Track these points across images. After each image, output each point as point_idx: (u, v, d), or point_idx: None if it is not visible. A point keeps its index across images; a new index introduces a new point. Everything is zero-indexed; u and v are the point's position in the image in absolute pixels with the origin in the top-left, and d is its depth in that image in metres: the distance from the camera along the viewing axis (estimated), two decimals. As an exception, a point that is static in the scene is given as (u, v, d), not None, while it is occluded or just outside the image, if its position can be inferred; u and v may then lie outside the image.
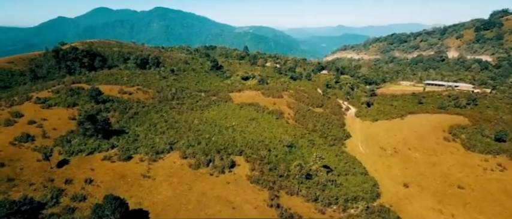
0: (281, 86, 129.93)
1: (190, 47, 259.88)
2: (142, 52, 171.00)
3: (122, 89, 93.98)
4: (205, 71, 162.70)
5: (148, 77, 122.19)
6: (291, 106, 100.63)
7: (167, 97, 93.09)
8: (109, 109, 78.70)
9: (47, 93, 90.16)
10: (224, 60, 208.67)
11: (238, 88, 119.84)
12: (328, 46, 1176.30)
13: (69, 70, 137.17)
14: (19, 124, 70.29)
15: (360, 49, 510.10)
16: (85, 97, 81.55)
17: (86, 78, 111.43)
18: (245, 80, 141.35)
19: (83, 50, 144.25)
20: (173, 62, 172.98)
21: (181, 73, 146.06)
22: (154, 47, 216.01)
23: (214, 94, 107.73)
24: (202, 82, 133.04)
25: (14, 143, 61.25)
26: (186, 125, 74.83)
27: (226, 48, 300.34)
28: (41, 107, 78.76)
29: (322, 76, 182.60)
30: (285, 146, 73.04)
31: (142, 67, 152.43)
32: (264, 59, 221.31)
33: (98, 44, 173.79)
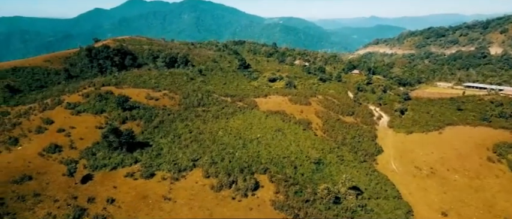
0: (309, 90, 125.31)
1: (219, 43, 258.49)
2: (172, 50, 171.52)
3: (149, 94, 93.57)
4: (232, 70, 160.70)
5: (176, 79, 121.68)
6: (320, 115, 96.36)
7: (193, 104, 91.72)
8: (135, 117, 78.27)
9: (77, 97, 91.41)
10: (252, 57, 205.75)
11: (264, 92, 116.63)
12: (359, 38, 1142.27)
13: (100, 69, 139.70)
14: (49, 132, 71.32)
15: (393, 44, 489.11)
16: (112, 103, 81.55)
17: (115, 79, 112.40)
18: (272, 82, 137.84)
19: (114, 49, 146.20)
20: (201, 60, 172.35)
21: (209, 74, 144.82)
22: (184, 43, 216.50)
23: (240, 99, 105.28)
24: (229, 84, 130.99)
25: (43, 154, 61.95)
26: (210, 137, 72.99)
27: (255, 44, 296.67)
28: (71, 113, 79.71)
29: (353, 77, 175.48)
30: (313, 163, 69.54)
31: (171, 66, 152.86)
32: (293, 57, 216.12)
33: (129, 41, 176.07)
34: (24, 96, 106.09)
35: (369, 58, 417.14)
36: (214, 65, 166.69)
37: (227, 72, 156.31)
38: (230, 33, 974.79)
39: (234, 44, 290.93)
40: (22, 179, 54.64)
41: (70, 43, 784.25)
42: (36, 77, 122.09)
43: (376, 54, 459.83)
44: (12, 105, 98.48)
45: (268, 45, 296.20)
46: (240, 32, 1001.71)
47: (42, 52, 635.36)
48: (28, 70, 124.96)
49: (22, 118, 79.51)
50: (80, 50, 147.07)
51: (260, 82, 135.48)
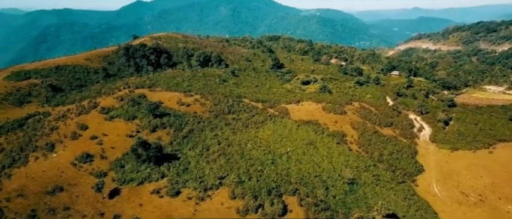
0: (345, 96, 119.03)
1: (253, 39, 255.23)
2: (206, 48, 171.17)
3: (181, 99, 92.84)
4: (265, 70, 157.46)
5: (208, 81, 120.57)
6: (355, 127, 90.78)
7: (223, 111, 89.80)
8: (165, 125, 77.62)
9: (112, 100, 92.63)
10: (286, 55, 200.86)
11: (297, 97, 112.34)
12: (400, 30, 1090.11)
13: (137, 68, 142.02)
14: (83, 138, 72.42)
15: (438, 39, 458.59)
16: (144, 110, 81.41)
17: (149, 81, 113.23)
18: (306, 85, 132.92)
19: (150, 47, 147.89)
20: (235, 59, 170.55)
21: (241, 74, 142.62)
22: (218, 40, 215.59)
23: (272, 105, 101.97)
24: (261, 87, 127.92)
25: (75, 164, 62.75)
26: (239, 150, 70.62)
27: (290, 39, 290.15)
28: (104, 118, 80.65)
29: (392, 79, 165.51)
30: (346, 183, 65.16)
31: (204, 65, 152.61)
32: (329, 55, 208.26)
33: (165, 39, 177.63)
34: (64, 96, 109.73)
35: (410, 55, 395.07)
36: (247, 64, 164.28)
37: (260, 72, 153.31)
38: (266, 26, 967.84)
39: (269, 40, 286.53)
40: (54, 191, 55.49)
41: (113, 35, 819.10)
42: (77, 76, 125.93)
43: (418, 50, 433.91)
44: (53, 105, 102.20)
45: (304, 40, 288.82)
46: (276, 24, 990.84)
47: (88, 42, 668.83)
48: (70, 68, 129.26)
49: (60, 121, 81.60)
50: (118, 48, 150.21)
51: (293, 85, 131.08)
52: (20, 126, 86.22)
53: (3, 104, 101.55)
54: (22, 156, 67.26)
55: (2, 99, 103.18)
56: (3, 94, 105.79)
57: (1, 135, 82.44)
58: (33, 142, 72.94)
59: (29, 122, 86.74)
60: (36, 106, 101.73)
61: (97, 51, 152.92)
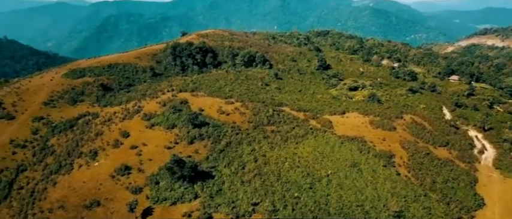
0: (395, 107, 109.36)
1: (300, 35, 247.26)
2: (252, 47, 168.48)
3: (221, 107, 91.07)
4: (311, 72, 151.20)
5: (250, 85, 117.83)
6: (405, 146, 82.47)
7: (263, 122, 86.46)
8: (203, 137, 76.23)
9: (155, 105, 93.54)
10: (334, 54, 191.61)
11: (342, 107, 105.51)
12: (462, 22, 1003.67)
13: (183, 67, 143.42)
14: (123, 147, 73.39)
15: (507, 34, 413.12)
16: (184, 118, 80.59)
17: (192, 84, 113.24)
18: (353, 91, 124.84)
19: (197, 47, 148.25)
20: (280, 59, 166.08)
21: (285, 77, 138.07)
22: (265, 37, 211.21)
23: (314, 115, 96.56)
24: (304, 92, 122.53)
25: (113, 176, 63.39)
26: (276, 170, 66.99)
27: (340, 35, 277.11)
28: (146, 126, 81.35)
29: (450, 85, 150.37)
30: (392, 216, 58.93)
31: (249, 65, 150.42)
32: (380, 55, 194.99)
33: (212, 37, 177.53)
34: (113, 96, 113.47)
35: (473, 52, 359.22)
36: (292, 65, 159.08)
37: (305, 74, 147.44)
38: (315, 17, 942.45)
39: (317, 35, 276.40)
40: (91, 205, 56.31)
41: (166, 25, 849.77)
42: (126, 75, 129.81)
43: (483, 46, 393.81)
44: (102, 105, 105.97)
45: (354, 37, 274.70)
46: (326, 15, 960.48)
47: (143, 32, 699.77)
48: (120, 67, 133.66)
49: (105, 126, 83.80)
50: (166, 46, 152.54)
51: (339, 91, 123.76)
52: (71, 127, 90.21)
53: (59, 102, 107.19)
54: (68, 162, 69.74)
55: (58, 97, 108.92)
56: (59, 92, 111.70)
57: (54, 135, 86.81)
58: (80, 147, 75.49)
59: (79, 124, 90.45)
60: (87, 106, 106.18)
61: (146, 49, 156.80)
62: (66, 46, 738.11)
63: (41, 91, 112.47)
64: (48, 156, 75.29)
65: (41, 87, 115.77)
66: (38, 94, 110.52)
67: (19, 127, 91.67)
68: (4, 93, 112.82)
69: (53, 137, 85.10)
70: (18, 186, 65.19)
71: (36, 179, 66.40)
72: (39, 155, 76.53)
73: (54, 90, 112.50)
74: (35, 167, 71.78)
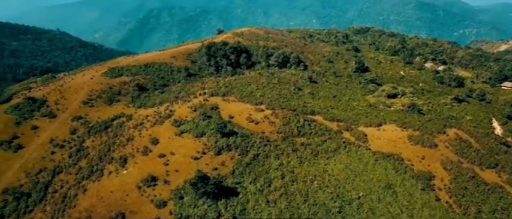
0: (438, 119, 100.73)
1: (338, 32, 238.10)
2: (287, 46, 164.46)
3: (251, 115, 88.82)
4: (347, 75, 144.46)
5: (282, 90, 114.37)
6: (447, 167, 75.34)
7: (293, 132, 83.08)
8: (231, 147, 74.54)
9: (186, 110, 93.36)
10: (373, 55, 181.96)
11: (379, 118, 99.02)
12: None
13: (216, 67, 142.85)
14: (152, 155, 73.60)
15: None
16: (213, 127, 79.29)
17: (224, 88, 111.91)
18: (392, 98, 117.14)
19: (231, 47, 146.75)
20: (315, 59, 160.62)
21: (320, 80, 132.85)
22: (301, 35, 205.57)
23: (348, 126, 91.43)
24: (339, 98, 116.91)
25: (140, 186, 63.51)
26: (303, 189, 63.73)
27: (381, 32, 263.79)
28: (175, 132, 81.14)
29: (502, 93, 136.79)
30: (426, 250, 53.86)
31: (283, 66, 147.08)
32: (423, 57, 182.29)
33: (247, 35, 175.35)
34: (147, 96, 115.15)
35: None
36: (328, 66, 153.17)
37: (341, 77, 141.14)
38: (356, 10, 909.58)
39: (356, 33, 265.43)
40: (117, 217, 56.65)
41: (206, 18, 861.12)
42: (161, 74, 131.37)
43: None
44: (136, 106, 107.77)
45: (396, 34, 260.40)
46: (367, 8, 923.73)
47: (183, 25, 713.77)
48: (156, 66, 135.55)
49: (136, 130, 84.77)
50: (201, 46, 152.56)
51: (377, 99, 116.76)
52: (106, 128, 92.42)
53: (97, 101, 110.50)
54: (99, 168, 71.13)
55: (96, 96, 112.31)
56: (98, 91, 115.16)
57: (90, 136, 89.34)
58: (111, 152, 76.89)
59: (113, 126, 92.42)
60: (122, 106, 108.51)
61: (182, 48, 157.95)
62: (111, 38, 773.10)
63: (81, 89, 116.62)
64: (82, 159, 77.43)
65: (82, 85, 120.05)
66: (78, 93, 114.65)
67: (59, 126, 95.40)
68: (49, 90, 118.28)
69: (88, 139, 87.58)
70: (53, 189, 67.45)
71: (69, 183, 68.38)
72: (75, 157, 78.94)
73: (94, 88, 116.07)
74: (69, 169, 74.06)
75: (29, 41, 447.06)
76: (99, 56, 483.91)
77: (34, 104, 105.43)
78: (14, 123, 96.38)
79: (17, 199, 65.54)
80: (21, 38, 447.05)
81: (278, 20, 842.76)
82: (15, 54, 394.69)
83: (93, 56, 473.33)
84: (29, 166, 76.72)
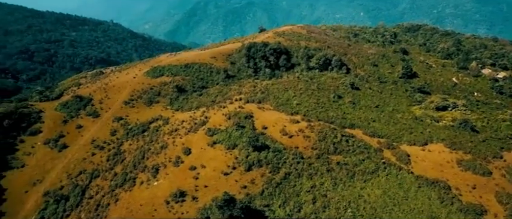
0: (494, 141, 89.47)
1: (386, 30, 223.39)
2: (329, 48, 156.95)
3: (285, 128, 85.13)
4: (393, 81, 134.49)
5: (321, 97, 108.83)
6: (503, 200, 66.13)
7: (328, 149, 78.17)
8: (261, 163, 71.82)
9: (220, 118, 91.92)
10: (423, 58, 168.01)
11: (425, 135, 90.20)
12: None
13: (255, 69, 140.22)
14: (183, 167, 73.05)
15: None
16: (245, 140, 76.84)
17: (260, 93, 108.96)
18: (441, 111, 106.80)
19: (271, 48, 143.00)
20: (359, 62, 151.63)
21: (362, 86, 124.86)
22: (345, 36, 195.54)
23: (389, 144, 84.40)
24: (382, 108, 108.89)
25: (168, 202, 63.07)
26: (336, 217, 59.34)
27: (433, 31, 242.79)
28: (208, 143, 79.93)
29: None
30: None
31: (324, 69, 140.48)
32: (481, 61, 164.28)
33: (288, 35, 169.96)
34: (185, 98, 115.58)
35: None
36: (372, 71, 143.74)
37: (385, 83, 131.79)
38: (407, 3, 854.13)
39: (406, 31, 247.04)
40: (144, 233, 56.69)
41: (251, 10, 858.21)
42: (201, 76, 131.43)
43: None
44: (174, 109, 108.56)
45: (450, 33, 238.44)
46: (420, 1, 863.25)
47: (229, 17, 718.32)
48: (196, 67, 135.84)
49: (171, 138, 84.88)
50: (241, 47, 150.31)
51: (424, 111, 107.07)
52: (143, 131, 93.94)
53: (138, 102, 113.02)
54: (132, 177, 72.01)
55: (137, 96, 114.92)
56: (139, 91, 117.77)
57: (128, 139, 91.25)
58: (145, 159, 77.65)
59: (150, 129, 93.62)
60: (161, 108, 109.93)
61: (222, 48, 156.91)
62: (160, 29, 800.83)
63: (124, 89, 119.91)
64: (119, 164, 79.13)
65: (125, 84, 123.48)
66: (121, 92, 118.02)
67: (101, 126, 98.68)
68: (95, 88, 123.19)
69: (126, 142, 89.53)
70: (89, 194, 69.52)
71: (103, 190, 70.00)
72: (112, 160, 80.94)
73: (135, 88, 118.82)
74: (106, 174, 75.96)
75: (86, 32, 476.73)
76: (148, 47, 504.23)
77: (80, 102, 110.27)
78: (61, 121, 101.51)
79: (57, 202, 68.45)
80: (79, 29, 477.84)
81: (324, 12, 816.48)
82: (74, 44, 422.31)
83: (142, 47, 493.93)
84: (71, 167, 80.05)
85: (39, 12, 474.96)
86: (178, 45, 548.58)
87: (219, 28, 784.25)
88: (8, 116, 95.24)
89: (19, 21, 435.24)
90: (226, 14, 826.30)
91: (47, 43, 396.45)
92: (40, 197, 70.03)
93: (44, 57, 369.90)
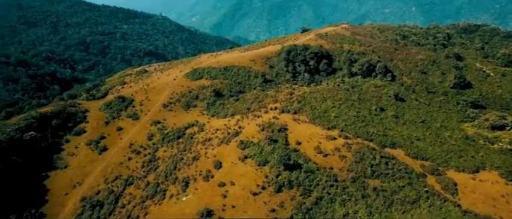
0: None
1: (439, 32, 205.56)
2: (373, 52, 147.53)
3: (320, 144, 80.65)
4: (443, 92, 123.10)
5: (361, 109, 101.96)
6: None
7: (365, 172, 72.65)
8: (292, 184, 68.47)
9: (253, 129, 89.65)
10: (480, 65, 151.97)
11: (476, 160, 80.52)
12: None
13: (294, 74, 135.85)
14: (212, 182, 71.91)
15: None
16: (277, 157, 73.77)
17: (296, 103, 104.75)
18: (497, 130, 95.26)
19: (311, 52, 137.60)
20: (406, 69, 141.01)
21: (408, 97, 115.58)
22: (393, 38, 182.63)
23: (434, 169, 76.52)
24: (429, 124, 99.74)
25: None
26: (367, 255, 54.67)
27: (493, 32, 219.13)
28: (239, 157, 78.03)
29: None
30: None
31: (367, 75, 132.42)
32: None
33: (331, 37, 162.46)
34: (222, 104, 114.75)
35: None
36: (420, 79, 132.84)
37: (434, 94, 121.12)
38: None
39: (462, 32, 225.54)
40: (169, 253, 56.24)
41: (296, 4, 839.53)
42: (239, 79, 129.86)
43: None
44: (210, 115, 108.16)
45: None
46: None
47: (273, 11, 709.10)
48: (235, 70, 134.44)
49: (203, 148, 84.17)
50: (280, 50, 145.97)
51: (476, 130, 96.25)
52: (178, 137, 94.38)
53: (175, 105, 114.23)
54: (163, 188, 72.20)
55: (176, 100, 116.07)
56: (178, 94, 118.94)
57: (163, 145, 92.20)
58: (177, 170, 77.53)
59: (185, 136, 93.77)
60: (197, 113, 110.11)
61: (261, 51, 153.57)
62: (206, 22, 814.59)
63: (164, 91, 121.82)
64: (152, 172, 79.96)
65: (165, 86, 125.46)
66: (161, 94, 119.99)
67: (140, 129, 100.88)
68: (137, 89, 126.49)
69: (161, 147, 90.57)
70: (122, 203, 70.94)
71: (135, 200, 71.09)
72: (146, 167, 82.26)
73: (175, 91, 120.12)
74: (139, 182, 77.21)
75: (136, 25, 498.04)
76: (193, 40, 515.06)
77: (122, 103, 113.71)
78: (104, 122, 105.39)
79: (92, 208, 70.61)
80: (130, 22, 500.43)
81: (372, 6, 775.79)
82: (125, 36, 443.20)
83: (188, 40, 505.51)
84: (108, 171, 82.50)
85: (96, 5, 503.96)
86: (222, 39, 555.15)
87: (263, 22, 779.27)
88: (57, 116, 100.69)
89: (78, 14, 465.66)
90: (271, 7, 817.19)
91: (101, 35, 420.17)
92: (78, 201, 72.88)
93: (98, 48, 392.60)
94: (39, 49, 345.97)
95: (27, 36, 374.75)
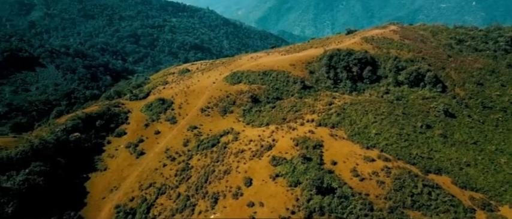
0: None
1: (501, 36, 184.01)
2: (423, 59, 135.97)
3: (356, 166, 75.33)
4: (501, 108, 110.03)
5: (406, 125, 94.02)
6: None
7: (405, 202, 66.48)
8: (323, 211, 64.48)
9: (287, 143, 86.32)
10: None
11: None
12: None
13: (334, 81, 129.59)
14: (241, 201, 70.17)
15: None
16: (309, 178, 70.08)
17: (335, 116, 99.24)
18: None
19: (355, 58, 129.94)
20: (459, 79, 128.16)
21: (460, 113, 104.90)
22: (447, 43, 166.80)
23: (485, 203, 68.11)
24: (482, 146, 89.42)
25: (221, 241, 61.03)
26: None
27: None
28: (270, 174, 75.37)
29: None
30: None
31: (415, 84, 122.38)
32: None
33: (377, 42, 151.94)
34: (258, 111, 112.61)
35: None
36: (475, 91, 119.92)
37: (490, 109, 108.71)
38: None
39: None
40: None
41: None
42: (277, 85, 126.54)
43: None
44: (245, 122, 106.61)
45: None
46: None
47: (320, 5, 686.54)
48: (274, 75, 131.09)
49: (234, 161, 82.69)
50: (322, 54, 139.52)
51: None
52: (213, 145, 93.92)
53: (213, 110, 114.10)
54: (192, 202, 71.96)
55: (214, 104, 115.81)
56: (216, 98, 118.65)
57: (198, 152, 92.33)
58: (207, 183, 76.90)
59: (219, 144, 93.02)
60: (233, 119, 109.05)
61: (301, 55, 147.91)
62: (252, 15, 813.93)
63: (202, 94, 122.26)
64: (184, 182, 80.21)
65: (204, 89, 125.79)
66: (200, 98, 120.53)
67: (177, 134, 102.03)
68: (177, 90, 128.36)
69: (195, 155, 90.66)
70: (153, 214, 71.81)
71: (165, 212, 71.55)
72: (179, 176, 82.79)
73: (213, 95, 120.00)
74: (171, 192, 77.87)
75: (184, 18, 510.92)
76: (238, 34, 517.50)
77: (162, 105, 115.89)
78: (144, 124, 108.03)
79: (125, 215, 72.44)
80: (179, 15, 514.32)
81: (426, 1, 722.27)
82: (173, 29, 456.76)
83: (233, 34, 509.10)
84: (143, 177, 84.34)
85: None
86: (267, 34, 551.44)
87: (309, 16, 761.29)
88: (101, 117, 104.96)
89: (131, 7, 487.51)
90: (318, 1, 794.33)
91: (151, 28, 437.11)
92: (113, 206, 75.22)
93: (148, 41, 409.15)
94: (95, 41, 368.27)
95: (86, 28, 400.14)
